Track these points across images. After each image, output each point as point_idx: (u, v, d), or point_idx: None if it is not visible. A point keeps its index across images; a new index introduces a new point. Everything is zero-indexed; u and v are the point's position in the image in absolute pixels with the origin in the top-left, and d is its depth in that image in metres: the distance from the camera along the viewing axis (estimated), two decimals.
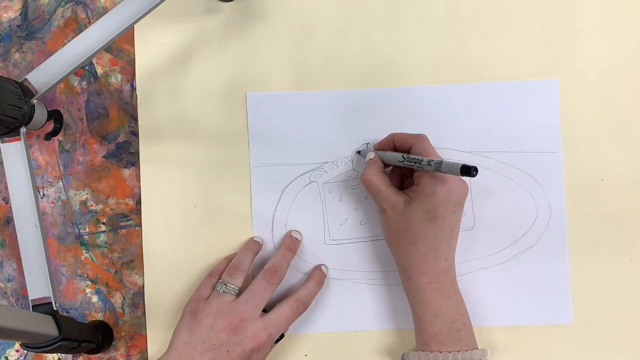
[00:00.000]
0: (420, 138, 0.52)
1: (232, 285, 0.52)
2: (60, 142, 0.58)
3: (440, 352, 0.49)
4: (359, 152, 0.57)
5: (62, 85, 0.58)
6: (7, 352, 0.58)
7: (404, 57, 0.57)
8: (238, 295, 0.52)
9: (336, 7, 0.58)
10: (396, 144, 0.53)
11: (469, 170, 0.45)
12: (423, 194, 0.50)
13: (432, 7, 0.57)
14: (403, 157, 0.51)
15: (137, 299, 0.58)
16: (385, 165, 0.54)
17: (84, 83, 0.58)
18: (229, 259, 0.55)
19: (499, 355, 0.55)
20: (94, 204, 0.58)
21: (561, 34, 0.57)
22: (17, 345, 0.58)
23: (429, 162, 0.49)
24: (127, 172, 0.58)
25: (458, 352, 0.49)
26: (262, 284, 0.52)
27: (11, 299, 0.58)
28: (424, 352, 0.50)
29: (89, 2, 0.59)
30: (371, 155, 0.54)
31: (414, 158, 0.50)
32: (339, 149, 0.57)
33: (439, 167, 0.47)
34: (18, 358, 0.58)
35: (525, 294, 0.56)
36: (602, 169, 0.56)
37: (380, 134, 0.56)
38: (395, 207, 0.51)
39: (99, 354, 0.57)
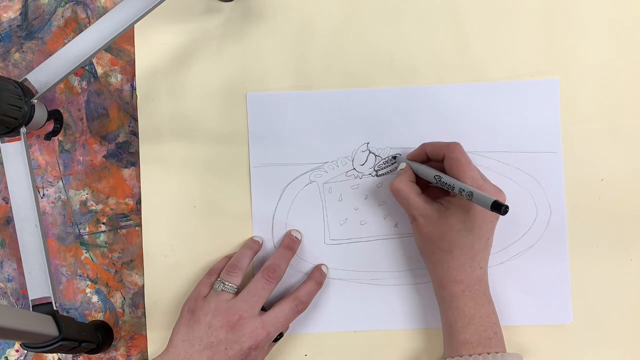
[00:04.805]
0: (452, 148, 0.50)
1: (230, 284, 0.52)
2: (60, 142, 0.58)
3: (471, 356, 0.49)
4: (394, 158, 0.56)
5: (62, 85, 0.58)
6: (7, 352, 0.58)
7: (404, 57, 0.57)
8: (236, 293, 0.52)
9: (336, 7, 0.58)
10: (429, 154, 0.52)
11: (499, 207, 0.44)
12: (460, 205, 0.49)
13: (432, 6, 0.57)
14: (435, 178, 0.50)
15: (137, 299, 0.58)
16: (417, 177, 0.53)
17: (84, 83, 0.58)
18: (229, 257, 0.55)
19: None
20: (94, 204, 0.58)
21: (561, 34, 0.57)
22: (17, 345, 0.58)
23: (460, 190, 0.48)
24: (127, 172, 0.58)
25: (489, 354, 0.49)
26: (261, 282, 0.52)
27: (11, 299, 0.58)
28: (453, 359, 0.49)
29: (89, 2, 0.59)
30: (402, 165, 0.54)
31: (446, 183, 0.49)
32: (339, 149, 0.57)
33: (470, 198, 0.47)
34: (18, 358, 0.58)
35: (525, 294, 0.56)
36: (602, 169, 0.56)
37: (380, 134, 0.56)
38: (428, 216, 0.50)
39: (99, 354, 0.57)
